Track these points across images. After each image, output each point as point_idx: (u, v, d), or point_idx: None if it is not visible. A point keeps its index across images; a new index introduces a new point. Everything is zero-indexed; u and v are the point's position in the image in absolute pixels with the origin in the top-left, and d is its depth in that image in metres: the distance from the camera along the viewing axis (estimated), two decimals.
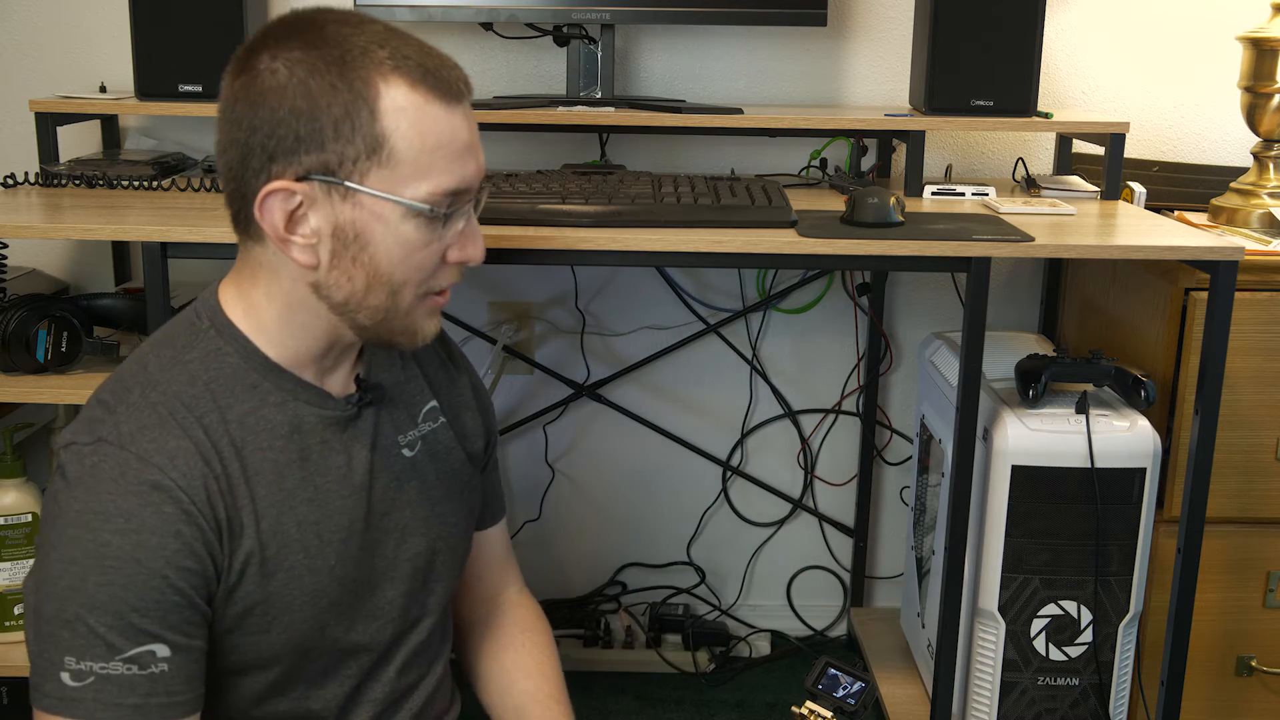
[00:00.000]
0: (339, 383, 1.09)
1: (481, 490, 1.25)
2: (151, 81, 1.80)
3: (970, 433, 1.59)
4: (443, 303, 1.06)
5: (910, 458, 2.18)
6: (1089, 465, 1.64)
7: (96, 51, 2.05)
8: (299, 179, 0.96)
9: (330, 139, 0.95)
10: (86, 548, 0.93)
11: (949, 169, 2.13)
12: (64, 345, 1.62)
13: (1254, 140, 1.92)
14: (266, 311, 1.03)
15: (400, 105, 0.95)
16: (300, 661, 1.06)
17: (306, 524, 1.03)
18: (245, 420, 1.01)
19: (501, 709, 1.25)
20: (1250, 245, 1.73)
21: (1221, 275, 1.52)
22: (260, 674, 1.05)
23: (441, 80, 0.97)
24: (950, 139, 2.15)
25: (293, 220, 0.97)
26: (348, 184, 0.96)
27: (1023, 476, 1.65)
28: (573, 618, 2.23)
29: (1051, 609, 1.69)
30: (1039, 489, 1.66)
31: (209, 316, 1.04)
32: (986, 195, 1.82)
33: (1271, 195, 1.88)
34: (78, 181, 1.71)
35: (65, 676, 0.93)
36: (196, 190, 1.70)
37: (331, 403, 1.06)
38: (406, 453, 1.13)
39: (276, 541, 1.01)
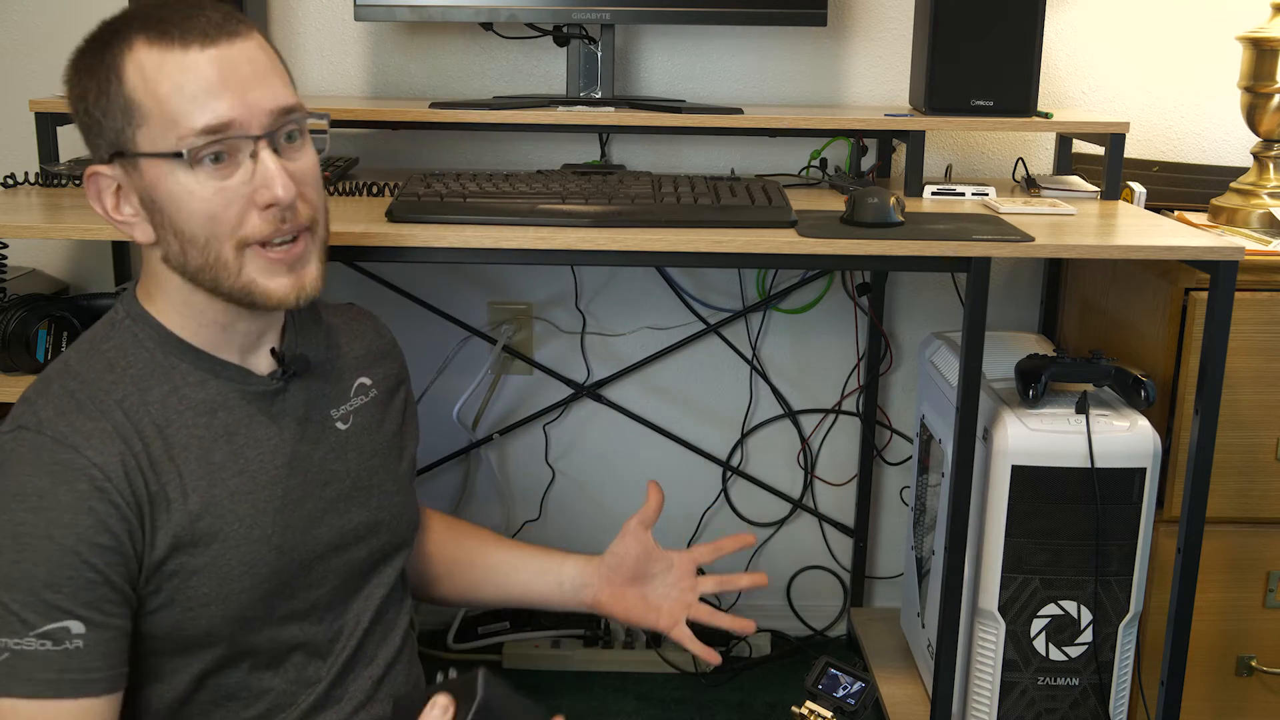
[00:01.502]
0: (265, 361, 1.11)
1: (414, 458, 1.30)
2: None
3: (970, 433, 1.59)
4: (282, 257, 1.03)
5: (910, 458, 2.18)
6: (1089, 465, 1.64)
7: None
8: (104, 162, 1.02)
9: (101, 117, 1.00)
10: (2, 527, 0.95)
11: (949, 169, 2.13)
12: (64, 345, 1.62)
13: (1254, 140, 1.92)
14: (163, 297, 1.07)
15: (139, 63, 0.98)
16: (243, 634, 1.07)
17: (239, 494, 1.06)
18: (166, 401, 1.04)
19: (451, 583, 1.37)
20: (1250, 245, 1.73)
21: (1221, 275, 1.52)
22: (204, 651, 1.06)
23: (176, 28, 0.98)
24: (950, 139, 2.15)
25: (117, 202, 1.03)
26: (127, 153, 1.00)
27: (1023, 476, 1.65)
28: (573, 618, 2.23)
29: (1051, 609, 1.69)
30: (1039, 489, 1.66)
31: (125, 309, 1.08)
32: (986, 195, 1.82)
33: (1271, 195, 1.88)
34: (78, 181, 1.71)
35: None
36: None
37: (254, 379, 1.09)
38: (340, 425, 1.16)
39: (210, 513, 1.03)
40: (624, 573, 1.33)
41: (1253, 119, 1.89)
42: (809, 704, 1.19)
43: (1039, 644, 1.71)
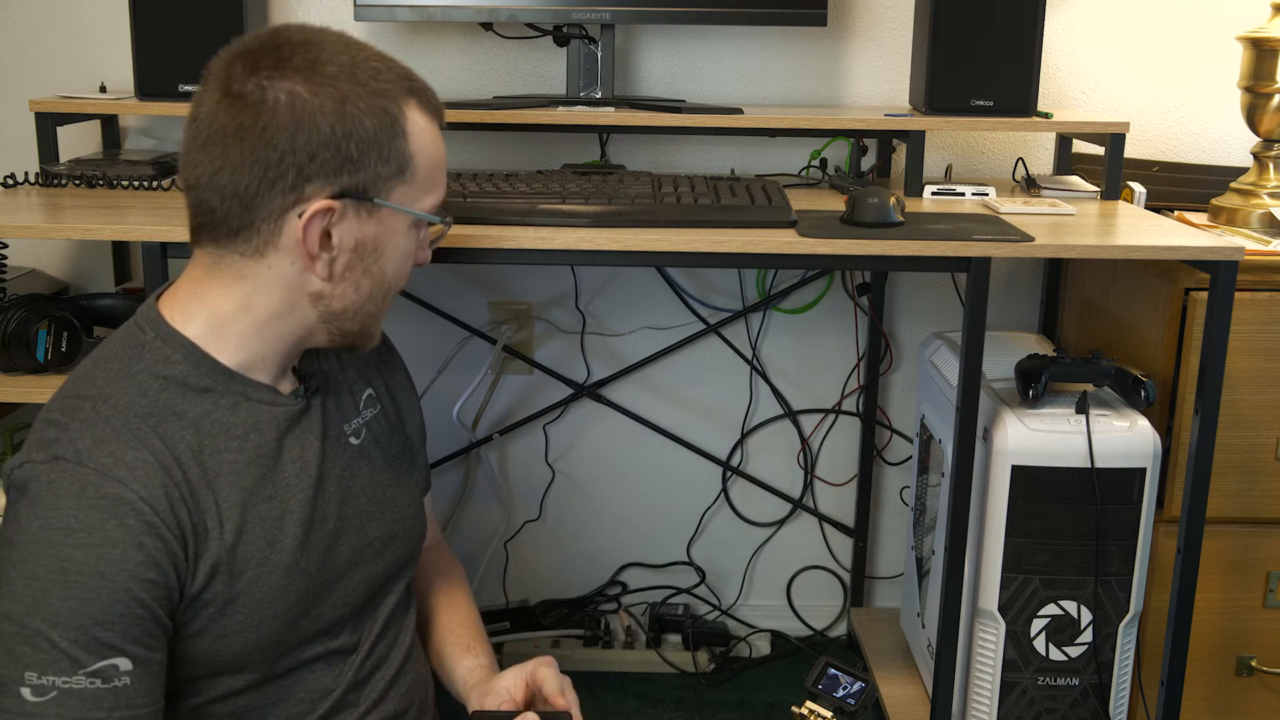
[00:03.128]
0: (287, 381, 1.11)
1: (424, 468, 1.30)
2: (151, 81, 1.80)
3: (970, 433, 1.59)
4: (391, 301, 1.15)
5: (910, 458, 2.18)
6: (1089, 465, 1.64)
7: (96, 51, 2.05)
8: (333, 197, 1.01)
9: (372, 160, 1.02)
10: (49, 563, 0.93)
11: (949, 169, 2.13)
12: (64, 345, 1.62)
13: (1254, 140, 1.92)
14: (237, 320, 1.05)
15: (420, 127, 1.05)
16: (271, 658, 1.08)
17: (270, 520, 1.05)
18: (200, 425, 1.03)
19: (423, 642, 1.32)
20: (1250, 245, 1.73)
21: (1221, 275, 1.52)
22: (232, 675, 1.06)
23: (435, 103, 1.08)
24: (950, 139, 2.15)
25: (319, 235, 1.02)
26: (376, 200, 1.03)
27: (1023, 476, 1.65)
28: (573, 618, 2.23)
29: (1051, 609, 1.69)
30: (1039, 489, 1.66)
31: (152, 328, 1.05)
32: (986, 195, 1.82)
33: (1271, 195, 1.88)
34: (78, 181, 1.71)
35: (26, 692, 0.92)
36: None
37: (282, 399, 1.09)
38: (353, 440, 1.16)
39: (243, 541, 1.03)
40: None
41: (1253, 119, 1.89)
42: (809, 704, 1.19)
43: (1039, 644, 1.71)
